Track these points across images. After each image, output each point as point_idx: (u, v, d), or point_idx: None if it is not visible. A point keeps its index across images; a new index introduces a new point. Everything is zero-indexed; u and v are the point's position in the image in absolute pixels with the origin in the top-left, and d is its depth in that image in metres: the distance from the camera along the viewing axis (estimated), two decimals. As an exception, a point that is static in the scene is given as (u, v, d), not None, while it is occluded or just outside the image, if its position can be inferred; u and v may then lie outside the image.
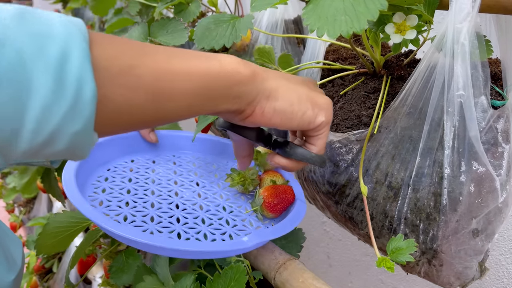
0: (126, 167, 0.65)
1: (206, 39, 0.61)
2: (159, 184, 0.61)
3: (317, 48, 0.63)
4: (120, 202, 0.53)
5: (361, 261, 1.21)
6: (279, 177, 0.63)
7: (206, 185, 0.63)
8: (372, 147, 0.52)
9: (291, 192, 0.59)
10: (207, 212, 0.55)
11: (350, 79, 0.58)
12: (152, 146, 0.73)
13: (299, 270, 0.48)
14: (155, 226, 0.49)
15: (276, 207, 0.57)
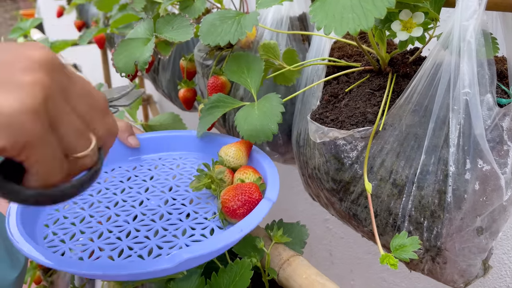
0: (101, 178, 0.64)
1: (212, 35, 0.61)
2: (128, 193, 0.60)
3: (322, 45, 0.63)
4: (75, 218, 0.54)
5: (363, 259, 1.21)
6: (250, 173, 0.57)
7: (180, 189, 0.61)
8: (377, 144, 0.53)
9: (256, 192, 0.52)
10: (166, 222, 0.53)
11: (355, 77, 0.58)
12: (135, 151, 0.70)
13: (303, 266, 0.48)
14: (99, 244, 0.49)
15: (237, 212, 0.51)
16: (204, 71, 0.79)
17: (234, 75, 0.64)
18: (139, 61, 0.62)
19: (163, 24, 0.66)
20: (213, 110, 0.64)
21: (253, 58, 0.65)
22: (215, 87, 0.72)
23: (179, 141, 0.72)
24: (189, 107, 0.88)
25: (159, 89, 1.14)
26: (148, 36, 0.66)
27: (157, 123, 0.98)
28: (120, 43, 0.64)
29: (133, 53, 0.63)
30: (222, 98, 0.64)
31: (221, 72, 0.72)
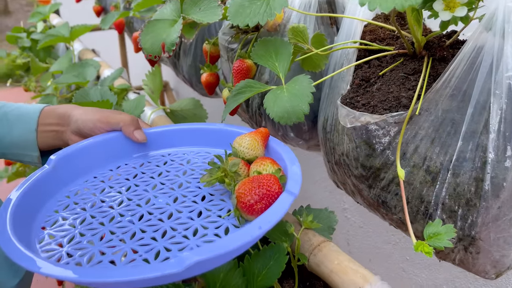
0: (106, 176, 0.60)
1: (240, 16, 0.60)
2: (134, 191, 0.55)
3: (353, 28, 0.61)
4: (75, 220, 0.50)
5: (383, 249, 1.20)
6: (268, 164, 0.51)
7: (191, 186, 0.56)
8: (410, 129, 0.51)
9: (275, 184, 0.47)
10: (175, 221, 0.48)
11: (388, 60, 0.57)
12: (142, 147, 0.66)
13: (334, 252, 0.47)
14: (100, 247, 0.44)
15: (254, 207, 0.46)
16: (229, 55, 0.78)
17: (261, 59, 0.63)
18: (166, 42, 0.61)
19: (190, 5, 0.65)
20: (239, 95, 0.63)
21: (281, 42, 0.64)
22: (240, 71, 0.70)
23: (190, 135, 0.67)
24: (212, 92, 0.87)
25: (180, 75, 1.13)
26: (174, 17, 0.65)
27: (178, 108, 0.97)
28: (147, 24, 0.63)
29: (160, 34, 0.62)
30: (249, 83, 0.63)
31: (246, 55, 0.71)
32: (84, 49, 1.42)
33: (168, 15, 0.66)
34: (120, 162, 0.64)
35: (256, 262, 0.42)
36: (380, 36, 0.60)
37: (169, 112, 0.95)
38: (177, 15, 0.65)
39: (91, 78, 1.07)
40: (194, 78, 1.08)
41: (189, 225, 0.47)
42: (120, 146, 0.64)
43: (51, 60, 1.45)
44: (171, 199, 0.53)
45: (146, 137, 0.65)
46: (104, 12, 1.70)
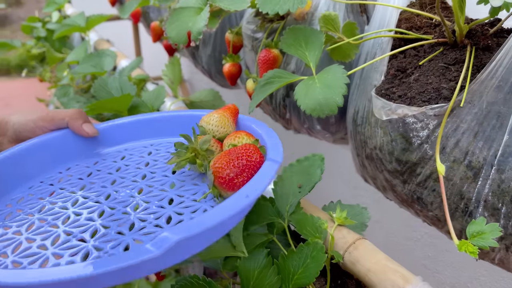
0: (54, 179, 0.53)
1: (270, 3, 0.57)
2: (90, 189, 0.49)
3: (387, 16, 0.58)
4: (20, 226, 0.44)
5: (404, 245, 1.18)
6: (244, 136, 0.47)
7: (156, 175, 0.51)
8: (451, 123, 0.49)
9: (255, 153, 0.42)
10: (143, 212, 0.43)
11: (426, 50, 0.54)
12: (94, 144, 0.59)
13: (371, 250, 0.45)
14: (54, 250, 0.39)
15: (235, 181, 0.41)
16: (253, 44, 0.75)
17: (290, 48, 0.61)
18: (193, 30, 0.59)
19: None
20: (268, 86, 0.61)
21: (311, 30, 0.61)
22: (267, 61, 0.68)
23: (149, 125, 0.60)
24: (234, 82, 0.85)
25: (198, 65, 1.11)
26: (200, 5, 0.63)
27: (197, 99, 0.95)
28: (172, 12, 0.61)
29: (186, 23, 0.60)
30: (278, 73, 0.60)
31: (273, 45, 0.69)
32: (100, 39, 1.41)
33: (193, 2, 0.63)
34: (70, 163, 0.56)
35: (292, 260, 0.40)
36: (417, 24, 0.57)
37: (189, 104, 0.93)
38: (203, 3, 0.63)
39: (108, 68, 1.05)
40: (213, 68, 1.06)
41: (161, 213, 0.42)
42: (68, 145, 0.57)
43: (67, 50, 1.44)
44: (135, 191, 0.47)
45: (97, 130, 0.58)
46: (120, 2, 1.69)
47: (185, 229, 0.33)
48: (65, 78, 1.24)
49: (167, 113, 0.60)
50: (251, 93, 0.73)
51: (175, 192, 0.46)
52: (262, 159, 0.42)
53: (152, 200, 0.45)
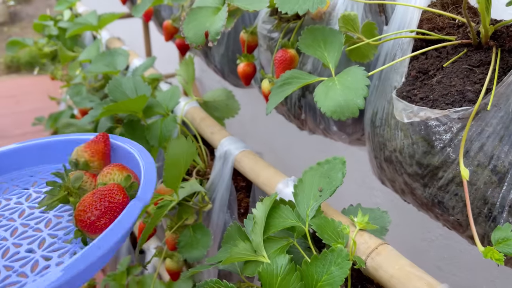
0: None
1: (289, 3, 0.57)
2: None
3: (408, 16, 0.57)
4: None
5: (417, 246, 1.17)
6: (116, 172, 0.45)
7: (36, 211, 0.48)
8: (476, 126, 0.48)
9: (118, 193, 0.42)
10: (11, 259, 0.41)
11: (449, 51, 0.53)
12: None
13: (395, 256, 0.44)
14: None
15: (96, 224, 0.40)
16: (269, 44, 0.74)
17: (309, 48, 0.60)
18: (210, 31, 0.58)
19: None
20: (286, 87, 0.60)
21: (330, 31, 0.60)
22: (283, 61, 0.67)
23: (34, 153, 0.56)
24: (248, 82, 0.84)
25: (211, 64, 1.11)
26: (217, 4, 0.63)
27: (211, 99, 0.94)
28: (189, 12, 0.61)
29: (203, 23, 0.60)
30: (296, 74, 0.60)
31: (289, 45, 0.68)
32: (112, 37, 1.41)
33: (211, 2, 0.63)
34: None
35: (316, 267, 0.40)
36: (439, 24, 0.56)
37: (203, 103, 0.92)
38: (220, 2, 0.62)
39: (121, 67, 1.05)
40: (226, 67, 1.05)
41: (28, 260, 0.41)
42: None
43: (78, 49, 1.44)
44: (8, 233, 0.45)
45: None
46: (131, 0, 1.68)
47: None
48: (77, 77, 1.25)
49: (55, 138, 0.56)
50: (267, 94, 0.73)
51: (48, 232, 0.44)
52: (126, 200, 0.42)
53: (24, 243, 0.43)
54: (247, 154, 0.69)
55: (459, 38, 0.52)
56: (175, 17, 1.12)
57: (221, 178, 0.73)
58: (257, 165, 0.65)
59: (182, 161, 0.63)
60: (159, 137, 0.75)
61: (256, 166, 0.65)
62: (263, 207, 0.49)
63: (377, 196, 1.28)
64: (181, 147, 0.63)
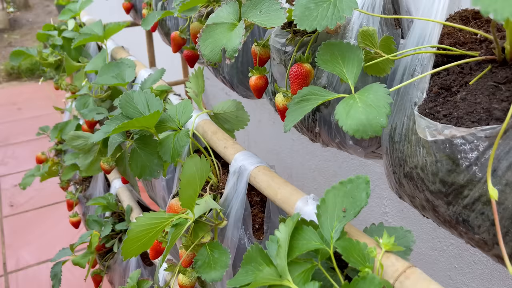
0: None
1: (307, 20, 0.56)
2: None
3: (428, 31, 0.56)
4: None
5: (428, 255, 1.16)
6: None
7: None
8: (503, 145, 0.47)
9: None
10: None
11: (472, 67, 0.52)
12: None
13: (424, 280, 0.43)
14: None
15: None
16: (283, 58, 0.74)
17: (327, 64, 0.59)
18: (228, 48, 0.57)
19: (250, 7, 0.61)
20: (304, 103, 0.59)
21: (347, 46, 0.59)
22: (298, 76, 0.66)
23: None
24: (260, 95, 0.83)
25: (219, 75, 1.10)
26: (233, 20, 0.62)
27: (221, 111, 0.93)
28: (205, 28, 0.60)
29: (220, 40, 0.59)
30: (314, 90, 0.59)
31: (304, 59, 0.67)
32: (117, 47, 1.40)
33: (226, 18, 0.62)
34: None
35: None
36: (460, 39, 0.56)
37: (213, 116, 0.91)
38: (236, 18, 0.62)
39: (129, 79, 1.04)
40: (235, 79, 1.04)
41: None
42: None
43: (84, 59, 1.43)
44: None
45: None
46: (134, 9, 1.68)
47: None
48: (84, 87, 1.24)
49: None
50: (281, 108, 0.72)
51: None
52: None
53: None
54: (262, 169, 0.68)
55: (483, 54, 0.52)
56: (183, 28, 1.11)
57: (235, 194, 0.72)
58: (273, 181, 0.64)
59: (198, 179, 0.62)
60: (172, 153, 0.74)
61: (273, 183, 0.64)
62: (286, 229, 0.48)
63: (386, 205, 1.27)
64: (196, 166, 0.62)
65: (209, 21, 0.63)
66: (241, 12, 0.61)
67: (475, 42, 0.55)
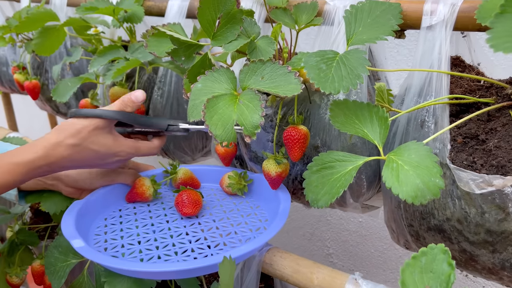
0: (131, 212, 0.69)
1: (327, 82, 0.51)
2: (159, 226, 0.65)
3: (433, 81, 0.56)
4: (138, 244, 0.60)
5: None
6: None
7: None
8: (552, 187, 0.48)
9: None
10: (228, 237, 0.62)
11: (491, 113, 0.53)
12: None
13: None
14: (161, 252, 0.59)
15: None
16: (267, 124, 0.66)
17: (345, 126, 0.54)
18: (246, 125, 0.48)
19: (248, 74, 0.54)
20: (326, 171, 0.53)
21: (354, 104, 0.56)
22: (298, 140, 0.60)
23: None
24: (229, 163, 0.74)
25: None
26: (228, 90, 0.53)
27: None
28: (207, 103, 0.50)
29: (227, 115, 0.50)
30: (336, 155, 0.53)
31: (299, 121, 0.61)
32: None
33: (218, 88, 0.53)
34: (121, 205, 0.72)
35: None
36: (467, 87, 0.57)
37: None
38: (232, 87, 0.53)
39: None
40: (172, 145, 0.92)
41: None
42: (120, 194, 0.74)
43: None
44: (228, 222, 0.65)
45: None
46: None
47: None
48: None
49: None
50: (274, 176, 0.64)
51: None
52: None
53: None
54: (275, 252, 0.59)
55: (500, 101, 0.53)
56: (94, 94, 0.95)
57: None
58: (298, 264, 0.56)
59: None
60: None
61: (298, 266, 0.56)
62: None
63: (330, 246, 1.26)
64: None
65: (197, 93, 0.53)
66: (240, 80, 0.53)
67: (482, 89, 0.56)
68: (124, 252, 0.59)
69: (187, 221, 0.66)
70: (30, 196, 0.73)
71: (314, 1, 0.65)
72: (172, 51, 0.61)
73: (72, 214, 0.64)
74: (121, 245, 0.61)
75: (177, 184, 0.74)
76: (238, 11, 0.59)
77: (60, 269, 0.65)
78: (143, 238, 0.62)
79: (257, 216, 0.67)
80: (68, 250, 0.67)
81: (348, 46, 0.57)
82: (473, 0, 0.54)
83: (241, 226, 0.64)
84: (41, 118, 2.00)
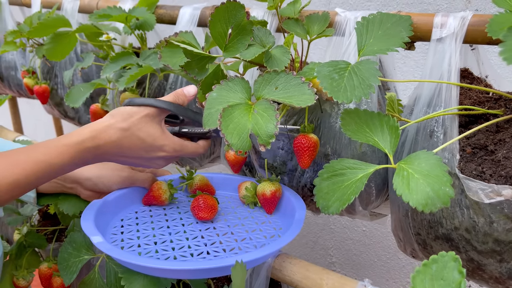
0: (147, 214, 0.71)
1: (339, 92, 0.52)
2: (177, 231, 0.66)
3: (442, 93, 0.57)
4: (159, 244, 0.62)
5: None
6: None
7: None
8: (560, 198, 0.49)
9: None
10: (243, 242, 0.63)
11: (498, 124, 0.54)
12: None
13: None
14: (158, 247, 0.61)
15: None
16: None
17: (357, 135, 0.55)
18: (261, 134, 0.49)
19: (262, 84, 0.55)
20: (336, 178, 0.54)
21: (365, 113, 0.57)
22: (308, 148, 0.61)
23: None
24: (238, 170, 0.75)
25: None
26: (243, 100, 0.54)
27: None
28: (222, 113, 0.51)
29: (243, 124, 0.51)
30: (347, 163, 0.54)
31: (310, 129, 0.62)
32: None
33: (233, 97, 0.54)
34: (137, 207, 0.74)
35: None
36: (475, 99, 0.58)
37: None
38: (246, 97, 0.55)
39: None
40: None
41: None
42: (137, 197, 0.75)
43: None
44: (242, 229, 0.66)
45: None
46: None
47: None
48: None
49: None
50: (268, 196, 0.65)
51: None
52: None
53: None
54: (285, 258, 0.60)
55: (509, 112, 0.54)
56: (104, 99, 0.96)
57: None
58: (308, 270, 0.57)
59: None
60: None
61: (308, 272, 0.57)
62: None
63: (333, 255, 1.27)
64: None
65: (212, 102, 0.54)
66: (254, 90, 0.55)
67: (491, 101, 0.57)
68: (140, 252, 0.60)
69: (203, 225, 0.67)
70: (45, 198, 0.73)
71: (326, 12, 0.66)
72: (185, 64, 0.62)
73: (92, 212, 0.65)
74: (137, 244, 0.62)
75: (193, 190, 0.75)
76: (248, 22, 0.60)
77: (73, 264, 0.66)
78: (159, 239, 0.63)
79: (271, 224, 0.67)
80: (81, 246, 0.67)
81: (360, 56, 0.58)
82: (482, 14, 0.55)
83: (255, 232, 0.65)
84: (46, 122, 2.02)
